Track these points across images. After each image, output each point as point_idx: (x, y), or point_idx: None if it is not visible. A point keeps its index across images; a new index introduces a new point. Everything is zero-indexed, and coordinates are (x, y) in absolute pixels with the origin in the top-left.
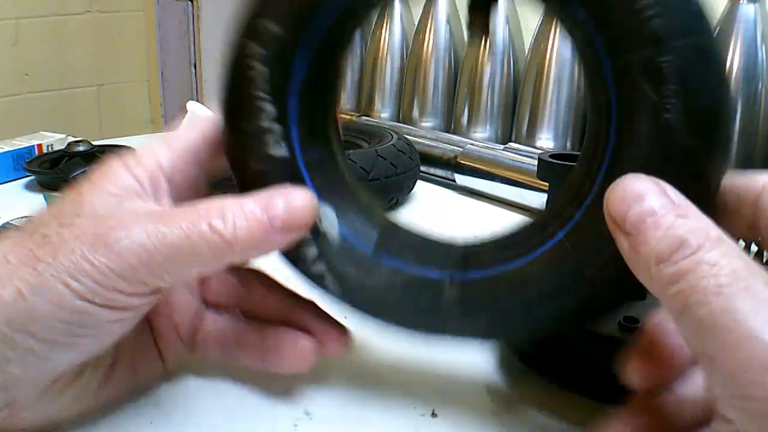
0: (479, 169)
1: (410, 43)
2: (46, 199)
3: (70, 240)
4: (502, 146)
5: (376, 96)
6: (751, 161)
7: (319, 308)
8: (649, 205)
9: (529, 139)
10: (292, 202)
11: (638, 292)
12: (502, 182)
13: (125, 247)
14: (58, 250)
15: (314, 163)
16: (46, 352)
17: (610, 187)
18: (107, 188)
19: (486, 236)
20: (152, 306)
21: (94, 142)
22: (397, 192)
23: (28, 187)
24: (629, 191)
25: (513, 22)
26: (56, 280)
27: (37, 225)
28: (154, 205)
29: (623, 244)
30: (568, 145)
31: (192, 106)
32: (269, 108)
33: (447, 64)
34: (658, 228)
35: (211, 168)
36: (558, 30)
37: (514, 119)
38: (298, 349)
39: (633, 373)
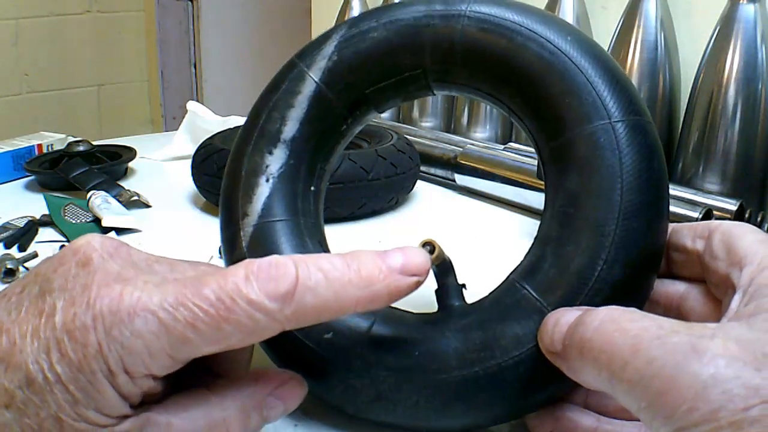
0: (479, 169)
1: None
2: (46, 199)
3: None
4: (502, 146)
5: None
6: (751, 161)
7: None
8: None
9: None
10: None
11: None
12: (502, 182)
13: None
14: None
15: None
16: None
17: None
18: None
19: None
20: None
21: (94, 142)
22: (397, 192)
23: (28, 187)
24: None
25: None
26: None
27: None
28: None
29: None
30: None
31: (192, 106)
32: None
33: None
34: (553, 324)
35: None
36: None
37: None
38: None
39: None
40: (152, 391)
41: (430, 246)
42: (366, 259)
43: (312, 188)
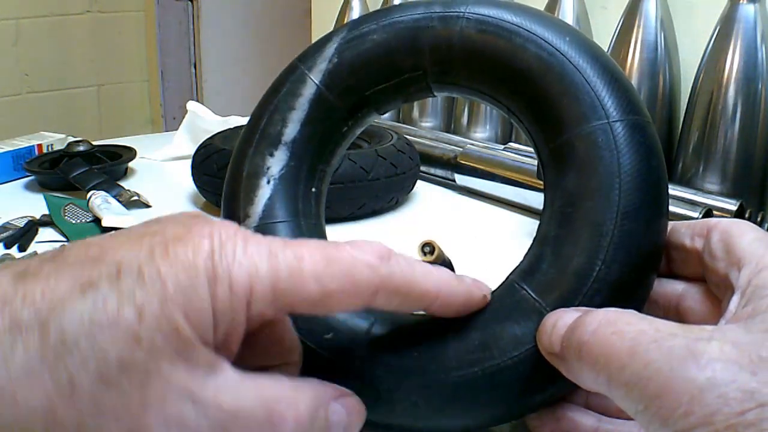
0: (479, 169)
1: None
2: (46, 199)
3: None
4: (502, 146)
5: None
6: (751, 161)
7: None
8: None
9: None
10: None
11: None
12: (502, 182)
13: None
14: None
15: None
16: None
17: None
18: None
19: None
20: None
21: (94, 142)
22: (397, 192)
23: (28, 187)
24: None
25: None
26: None
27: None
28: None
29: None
30: None
31: (192, 106)
32: None
33: None
34: (551, 325)
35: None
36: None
37: None
38: None
39: None
40: (234, 336)
41: (430, 246)
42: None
43: (313, 190)
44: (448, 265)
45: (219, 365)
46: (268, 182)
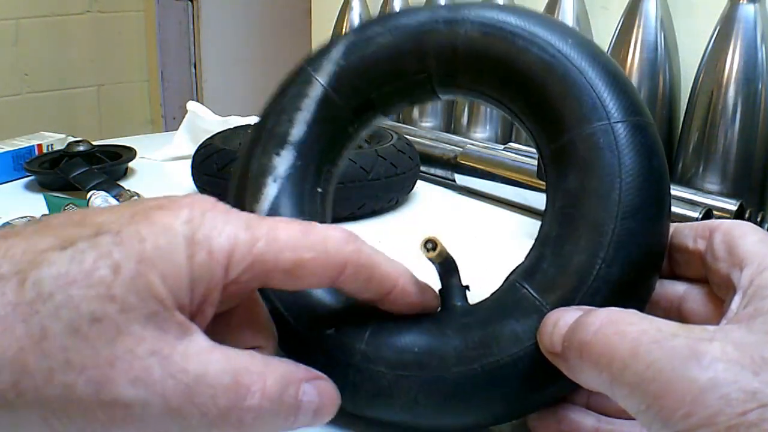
0: (479, 169)
1: None
2: (46, 199)
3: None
4: (502, 146)
5: None
6: (751, 161)
7: None
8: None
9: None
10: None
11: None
12: (502, 182)
13: None
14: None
15: None
16: None
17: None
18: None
19: None
20: None
21: (94, 142)
22: (397, 192)
23: (28, 187)
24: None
25: None
26: None
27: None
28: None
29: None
30: None
31: (192, 106)
32: None
33: None
34: (552, 325)
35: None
36: None
37: None
38: None
39: None
40: (209, 303)
41: (432, 243)
42: None
43: (319, 190)
44: (451, 262)
45: (191, 330)
46: (275, 181)
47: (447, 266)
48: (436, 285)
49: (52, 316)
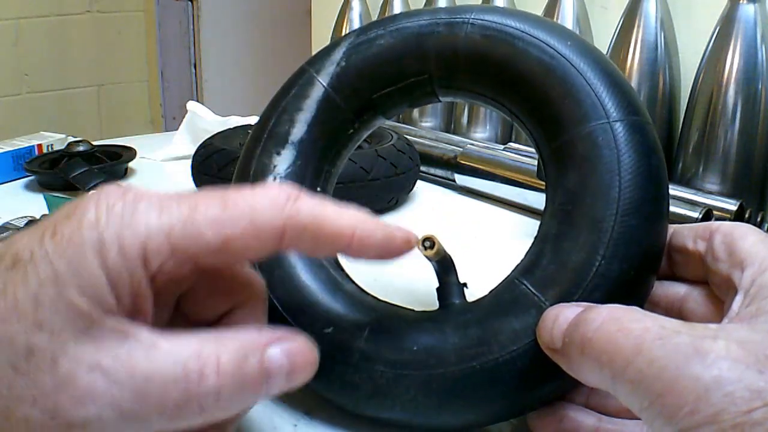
0: (479, 169)
1: None
2: (46, 199)
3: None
4: (502, 146)
5: None
6: (751, 161)
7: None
8: (546, 315)
9: None
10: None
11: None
12: (502, 182)
13: None
14: None
15: None
16: None
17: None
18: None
19: None
20: None
21: (94, 142)
22: (397, 192)
23: (28, 187)
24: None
25: None
26: None
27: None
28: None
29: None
30: None
31: (192, 106)
32: None
33: None
34: (553, 320)
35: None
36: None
37: None
38: None
39: None
40: (142, 298)
41: (430, 241)
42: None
43: (318, 189)
44: (448, 260)
45: (130, 332)
46: (275, 179)
47: (444, 264)
48: (434, 283)
49: None
